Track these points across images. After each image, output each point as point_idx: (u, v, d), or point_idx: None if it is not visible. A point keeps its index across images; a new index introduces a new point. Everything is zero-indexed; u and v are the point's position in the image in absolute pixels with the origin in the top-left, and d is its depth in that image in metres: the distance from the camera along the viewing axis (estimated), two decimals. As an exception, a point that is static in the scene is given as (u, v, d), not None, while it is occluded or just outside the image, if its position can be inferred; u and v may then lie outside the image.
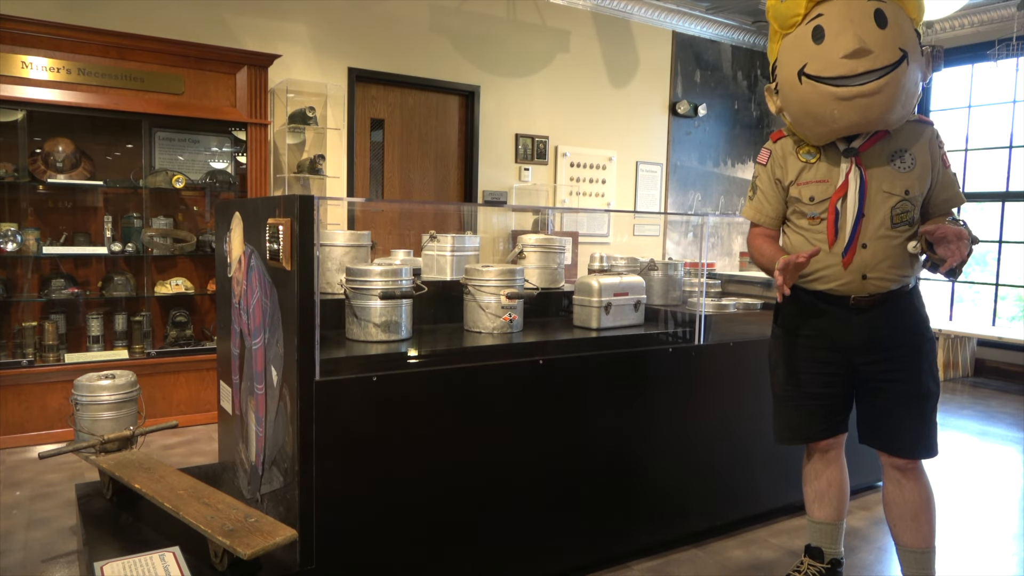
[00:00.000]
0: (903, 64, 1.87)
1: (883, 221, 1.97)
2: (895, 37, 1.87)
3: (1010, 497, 3.36)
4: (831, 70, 1.89)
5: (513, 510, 2.30)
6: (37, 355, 3.90)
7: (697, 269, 3.35)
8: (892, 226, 1.98)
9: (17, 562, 2.51)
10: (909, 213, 1.99)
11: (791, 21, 1.99)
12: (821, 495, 2.29)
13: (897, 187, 1.97)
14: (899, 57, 1.86)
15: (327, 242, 2.62)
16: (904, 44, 1.88)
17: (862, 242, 1.99)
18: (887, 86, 1.86)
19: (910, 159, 1.99)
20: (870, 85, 1.86)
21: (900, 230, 1.99)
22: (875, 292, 2.02)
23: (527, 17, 5.89)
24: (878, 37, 1.85)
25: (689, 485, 2.68)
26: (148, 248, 4.18)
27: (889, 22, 1.87)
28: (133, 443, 2.81)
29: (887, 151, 2.00)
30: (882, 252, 1.99)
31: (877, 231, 1.98)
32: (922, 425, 2.05)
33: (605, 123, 6.42)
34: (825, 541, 2.31)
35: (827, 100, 1.91)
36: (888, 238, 1.98)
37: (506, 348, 2.38)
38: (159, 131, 4.33)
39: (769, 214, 2.18)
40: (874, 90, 1.86)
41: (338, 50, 5.07)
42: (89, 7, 4.20)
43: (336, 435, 1.98)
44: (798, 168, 2.09)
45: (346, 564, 2.04)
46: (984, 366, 6.17)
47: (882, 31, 1.86)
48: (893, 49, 1.86)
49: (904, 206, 1.98)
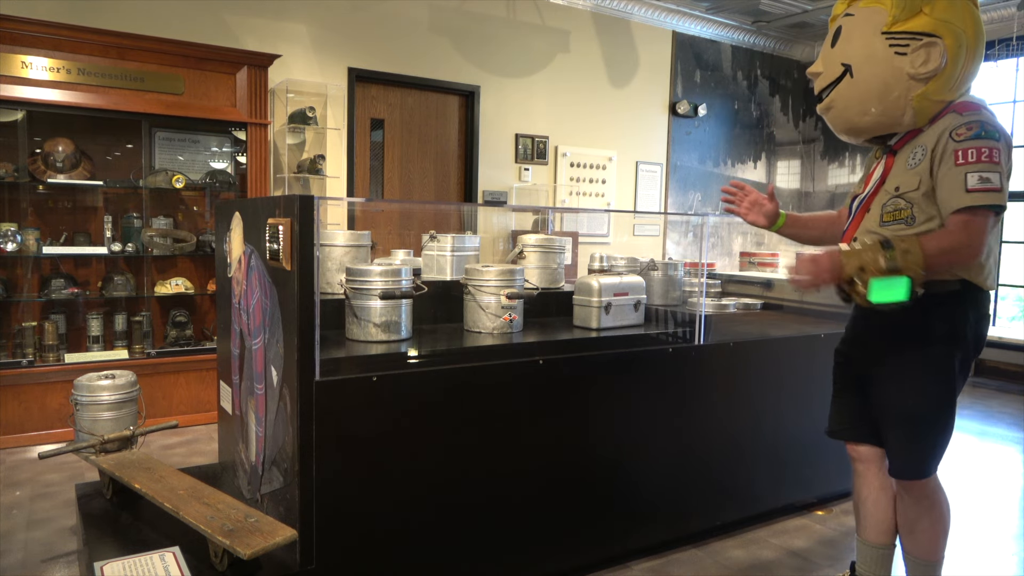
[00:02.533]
0: (844, 78, 1.95)
1: (875, 217, 1.96)
2: (840, 52, 1.96)
3: (1010, 497, 3.36)
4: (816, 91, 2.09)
5: (513, 509, 2.30)
6: (37, 355, 3.90)
7: (697, 269, 3.35)
8: (881, 224, 1.93)
9: (17, 562, 2.51)
10: (904, 211, 1.89)
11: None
12: (856, 510, 2.22)
13: (892, 184, 1.94)
14: (839, 72, 1.96)
15: (327, 242, 2.62)
16: (848, 57, 1.94)
17: (855, 236, 2.01)
18: (834, 101, 2.00)
19: (920, 154, 1.90)
20: (823, 103, 2.04)
21: (891, 228, 1.90)
22: None
23: (527, 17, 5.89)
24: (827, 56, 2.00)
25: (689, 485, 2.68)
26: (148, 248, 4.18)
27: (841, 37, 1.96)
28: (133, 443, 2.81)
29: (909, 148, 1.95)
30: None
31: (869, 226, 1.97)
32: (908, 444, 1.94)
33: (605, 123, 6.42)
34: (865, 563, 2.20)
35: None
36: (875, 235, 1.92)
37: (506, 348, 2.38)
38: (159, 131, 4.33)
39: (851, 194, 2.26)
40: (826, 107, 2.03)
41: (338, 50, 5.07)
42: (89, 7, 4.20)
43: (336, 435, 1.98)
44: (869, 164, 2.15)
45: (346, 564, 2.03)
46: (984, 366, 6.17)
47: (832, 49, 1.99)
48: (835, 66, 1.97)
49: (895, 203, 1.91)
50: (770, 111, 7.53)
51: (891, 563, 2.20)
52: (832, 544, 2.80)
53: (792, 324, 3.33)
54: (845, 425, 2.15)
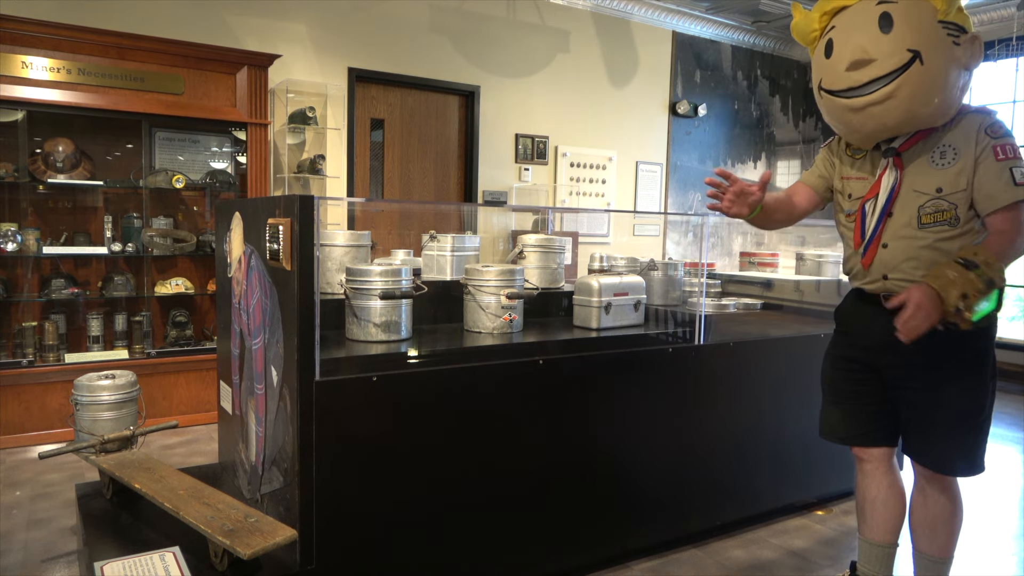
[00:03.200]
0: (914, 64, 1.80)
1: (909, 221, 1.90)
2: (902, 38, 1.81)
3: (1010, 497, 3.36)
4: (839, 83, 1.90)
5: (513, 510, 2.30)
6: (37, 355, 3.90)
7: (697, 269, 3.35)
8: (920, 226, 1.89)
9: (17, 562, 2.51)
10: (946, 213, 1.86)
11: (810, 37, 2.01)
12: (861, 510, 2.22)
13: (929, 185, 1.88)
14: (908, 59, 1.80)
15: (327, 242, 2.62)
16: (915, 43, 1.80)
17: (883, 242, 1.95)
18: (898, 90, 1.82)
19: (952, 154, 1.86)
20: (878, 92, 1.83)
21: (933, 230, 1.87)
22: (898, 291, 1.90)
23: (527, 17, 5.89)
24: (881, 42, 1.82)
25: (689, 485, 2.68)
26: (148, 248, 4.18)
27: (896, 23, 1.81)
28: (133, 443, 2.81)
29: (929, 148, 1.91)
30: (903, 252, 1.91)
31: (901, 231, 1.92)
32: (947, 440, 1.96)
33: (605, 123, 6.42)
34: (867, 562, 2.20)
35: (843, 112, 1.93)
36: (913, 238, 1.90)
37: (506, 348, 2.38)
38: (159, 131, 4.33)
39: (810, 173, 2.21)
40: (883, 96, 1.83)
41: (338, 50, 5.07)
42: (89, 7, 4.20)
43: (336, 435, 1.98)
44: (848, 161, 2.09)
45: (346, 564, 2.03)
46: (984, 366, 6.16)
47: (886, 35, 1.82)
48: (900, 52, 1.81)
49: (937, 204, 1.87)
50: (770, 111, 7.53)
51: (893, 562, 2.20)
52: (832, 544, 2.80)
53: (792, 324, 3.33)
54: (861, 431, 2.12)
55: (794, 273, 4.02)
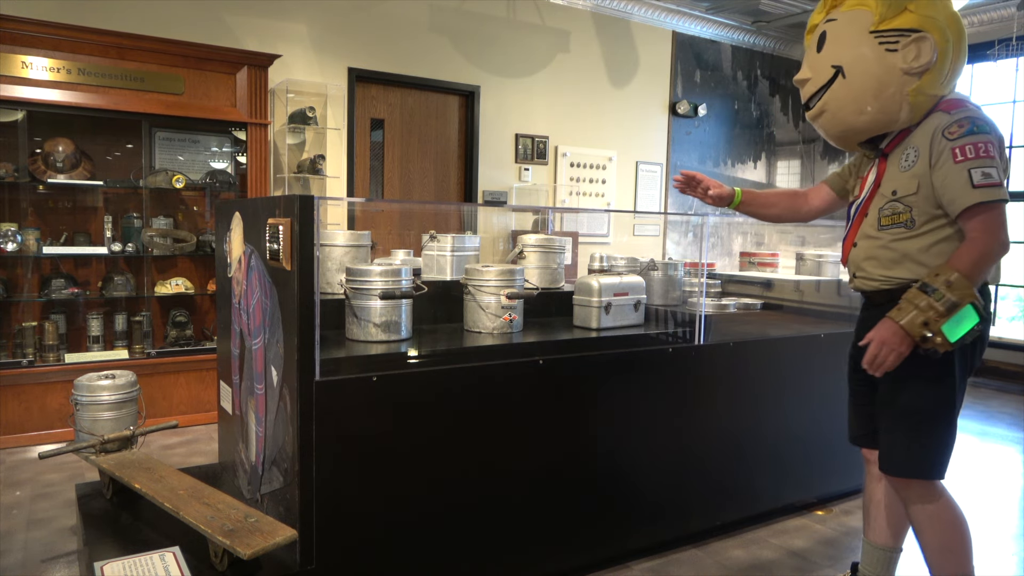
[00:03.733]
0: (837, 79, 1.95)
1: (873, 222, 1.97)
2: (829, 55, 1.97)
3: (1010, 497, 3.36)
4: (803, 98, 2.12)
5: (513, 509, 2.30)
6: (37, 355, 3.90)
7: (697, 269, 3.35)
8: (879, 228, 1.94)
9: (17, 562, 2.51)
10: (901, 215, 1.89)
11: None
12: (865, 511, 2.23)
13: (888, 187, 1.94)
14: (831, 75, 1.96)
15: (327, 242, 2.62)
16: (838, 58, 1.94)
17: (855, 240, 2.03)
18: (827, 104, 2.00)
19: (913, 156, 1.89)
20: (814, 108, 2.04)
21: (891, 232, 1.91)
22: (864, 289, 2.04)
23: (527, 17, 5.89)
24: (814, 61, 2.02)
25: (689, 485, 2.68)
26: (148, 248, 4.18)
27: (828, 41, 1.98)
28: (133, 443, 2.81)
29: (901, 150, 1.94)
30: (865, 252, 1.99)
31: (867, 231, 1.99)
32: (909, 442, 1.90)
33: (605, 123, 6.42)
34: (869, 565, 2.21)
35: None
36: (874, 239, 1.96)
37: (506, 348, 2.38)
38: (159, 131, 4.34)
39: (834, 174, 2.31)
40: (818, 111, 2.03)
41: (338, 50, 5.07)
42: (89, 7, 4.20)
43: (336, 435, 1.98)
44: (862, 164, 2.19)
45: (346, 564, 2.04)
46: (984, 366, 6.17)
47: (819, 54, 2.00)
48: (825, 69, 1.98)
49: (893, 207, 1.91)
50: (770, 111, 7.53)
51: (895, 567, 2.20)
52: (832, 544, 2.80)
53: (792, 324, 3.33)
54: (863, 431, 2.13)
55: (794, 273, 4.02)
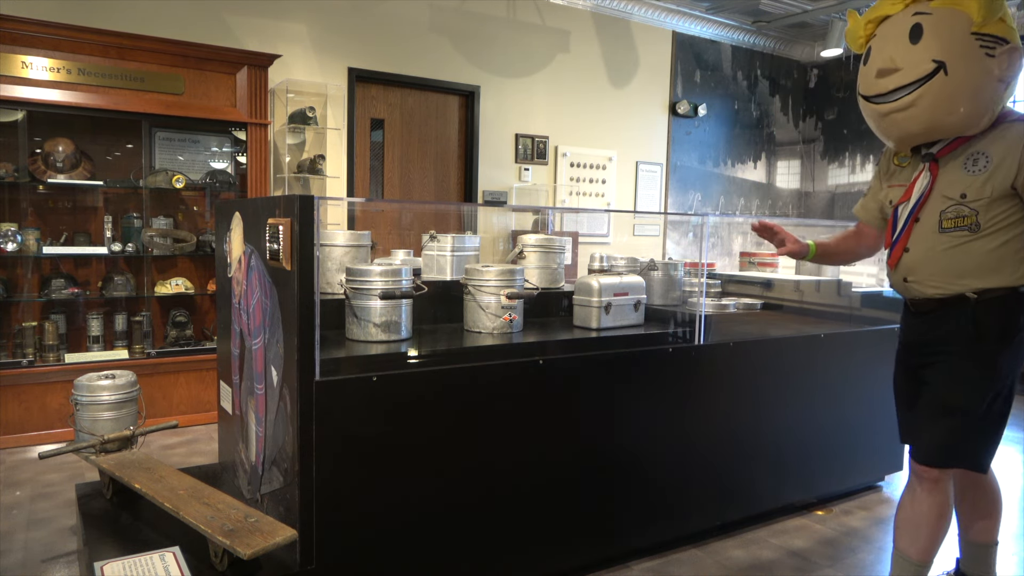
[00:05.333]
0: (938, 74, 1.88)
1: (932, 226, 1.96)
2: (928, 49, 1.89)
3: (1010, 497, 3.36)
4: (871, 89, 2.02)
5: (513, 509, 2.30)
6: (37, 355, 3.90)
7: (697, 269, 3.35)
8: (940, 231, 1.95)
9: (17, 562, 2.51)
10: (967, 219, 1.92)
11: (858, 43, 2.11)
12: (900, 525, 2.13)
13: (955, 190, 1.93)
14: (931, 69, 1.88)
15: (327, 242, 2.62)
16: (940, 54, 1.88)
17: (907, 246, 2.02)
18: (920, 99, 1.90)
19: (984, 161, 1.92)
20: (901, 100, 1.93)
21: (954, 236, 1.93)
22: (916, 296, 2.04)
23: (527, 17, 5.89)
24: (907, 52, 1.92)
25: (689, 485, 2.68)
26: (148, 248, 4.18)
27: (925, 34, 1.90)
28: (133, 443, 2.81)
29: (964, 155, 1.96)
30: (923, 256, 1.98)
31: (924, 236, 1.98)
32: (939, 431, 1.98)
33: (605, 123, 6.42)
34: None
35: (875, 117, 2.04)
36: (933, 243, 1.96)
37: (506, 348, 2.38)
38: (159, 131, 4.33)
39: (865, 207, 2.29)
40: (905, 105, 1.93)
41: (338, 50, 5.07)
42: (89, 7, 4.20)
43: (336, 435, 1.98)
44: (891, 170, 2.17)
45: (346, 564, 2.03)
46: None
47: (914, 46, 1.91)
48: (924, 62, 1.89)
49: (958, 210, 1.92)
50: (770, 111, 7.53)
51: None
52: (832, 544, 2.80)
53: (792, 324, 3.33)
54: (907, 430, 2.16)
55: (794, 273, 4.02)
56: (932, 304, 2.01)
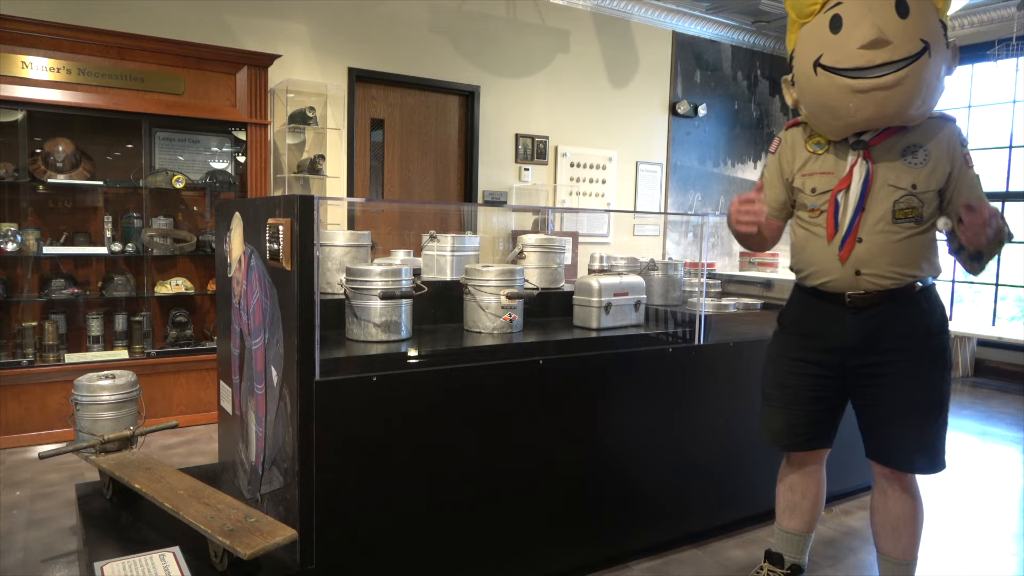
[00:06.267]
0: (924, 55, 1.77)
1: (883, 215, 1.90)
2: (917, 27, 1.78)
3: (1010, 497, 3.36)
4: (847, 61, 1.82)
5: (513, 510, 2.30)
6: (37, 355, 3.90)
7: (697, 269, 3.35)
8: (893, 221, 1.90)
9: (17, 562, 2.51)
10: (916, 210, 1.89)
11: (809, 9, 1.92)
12: (793, 506, 2.24)
13: (904, 181, 1.89)
14: (920, 48, 1.77)
15: (327, 242, 2.62)
16: (926, 34, 1.78)
17: (859, 236, 1.93)
18: (906, 78, 1.78)
19: (923, 154, 1.89)
20: (888, 77, 1.78)
21: (904, 226, 1.90)
22: (870, 289, 1.94)
23: (527, 17, 5.89)
24: (898, 27, 1.77)
25: (689, 485, 2.68)
26: (148, 248, 4.18)
27: (911, 11, 1.78)
28: (133, 443, 2.81)
29: (900, 146, 1.92)
30: (878, 247, 1.91)
31: (876, 225, 1.91)
32: (917, 437, 1.95)
33: (605, 123, 6.42)
34: (789, 550, 2.28)
35: (843, 92, 1.84)
36: (888, 233, 1.90)
37: (506, 348, 2.38)
38: (159, 131, 4.33)
39: (771, 204, 2.14)
40: (892, 82, 1.79)
41: (338, 50, 5.07)
42: (89, 7, 4.20)
43: (336, 435, 1.98)
44: (805, 157, 2.05)
45: (346, 564, 2.03)
46: (984, 366, 6.17)
47: (903, 20, 1.78)
48: (914, 40, 1.77)
49: (909, 201, 1.89)
50: (770, 111, 7.53)
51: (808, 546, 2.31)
52: (832, 544, 2.80)
53: (792, 324, 3.33)
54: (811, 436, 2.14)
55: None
56: (879, 298, 1.94)
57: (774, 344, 2.23)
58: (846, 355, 2.02)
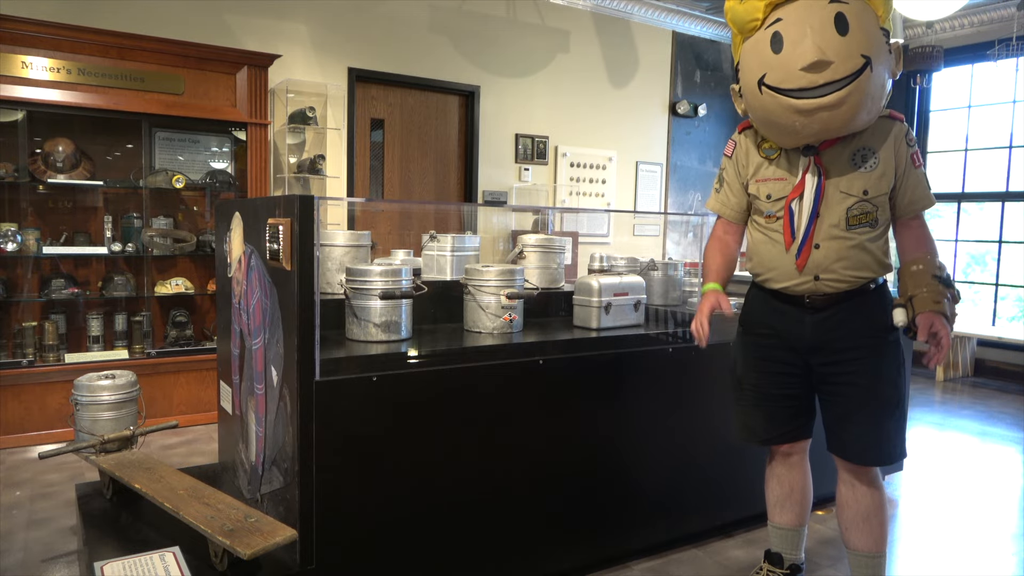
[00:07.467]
0: (866, 71, 1.77)
1: (838, 222, 1.93)
2: (857, 43, 1.77)
3: (1010, 497, 3.36)
4: (790, 82, 1.80)
5: (513, 510, 2.30)
6: (37, 355, 3.90)
7: (697, 269, 3.35)
8: (847, 227, 1.93)
9: (17, 562, 2.51)
10: (869, 215, 1.93)
11: (749, 25, 1.90)
12: (783, 500, 2.28)
13: (855, 187, 1.92)
14: (861, 65, 1.77)
15: (327, 242, 2.62)
16: (867, 49, 1.78)
17: (815, 242, 1.96)
18: (850, 96, 1.77)
19: (873, 159, 1.92)
20: (831, 97, 1.77)
21: (858, 231, 1.93)
22: (828, 292, 1.99)
23: (527, 17, 5.89)
24: (838, 45, 1.75)
25: (689, 485, 2.68)
26: (148, 248, 4.18)
27: (851, 26, 1.76)
28: (133, 443, 2.81)
29: (849, 150, 1.94)
30: (835, 253, 1.94)
31: (831, 232, 1.94)
32: (876, 431, 1.99)
33: (605, 123, 6.42)
34: (785, 547, 2.30)
35: (787, 112, 1.84)
36: (843, 239, 1.94)
37: (506, 348, 2.38)
38: (159, 131, 4.34)
39: (733, 207, 2.17)
40: (835, 102, 1.78)
41: (338, 50, 5.07)
42: (89, 7, 4.20)
43: (336, 435, 1.98)
44: (758, 163, 2.06)
45: (346, 564, 2.04)
46: (984, 366, 6.17)
47: (843, 38, 1.76)
48: (855, 57, 1.76)
49: (863, 207, 1.92)
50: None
51: None
52: (832, 544, 2.80)
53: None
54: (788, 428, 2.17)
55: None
56: (836, 298, 1.99)
57: (739, 346, 2.25)
58: (808, 353, 2.07)
